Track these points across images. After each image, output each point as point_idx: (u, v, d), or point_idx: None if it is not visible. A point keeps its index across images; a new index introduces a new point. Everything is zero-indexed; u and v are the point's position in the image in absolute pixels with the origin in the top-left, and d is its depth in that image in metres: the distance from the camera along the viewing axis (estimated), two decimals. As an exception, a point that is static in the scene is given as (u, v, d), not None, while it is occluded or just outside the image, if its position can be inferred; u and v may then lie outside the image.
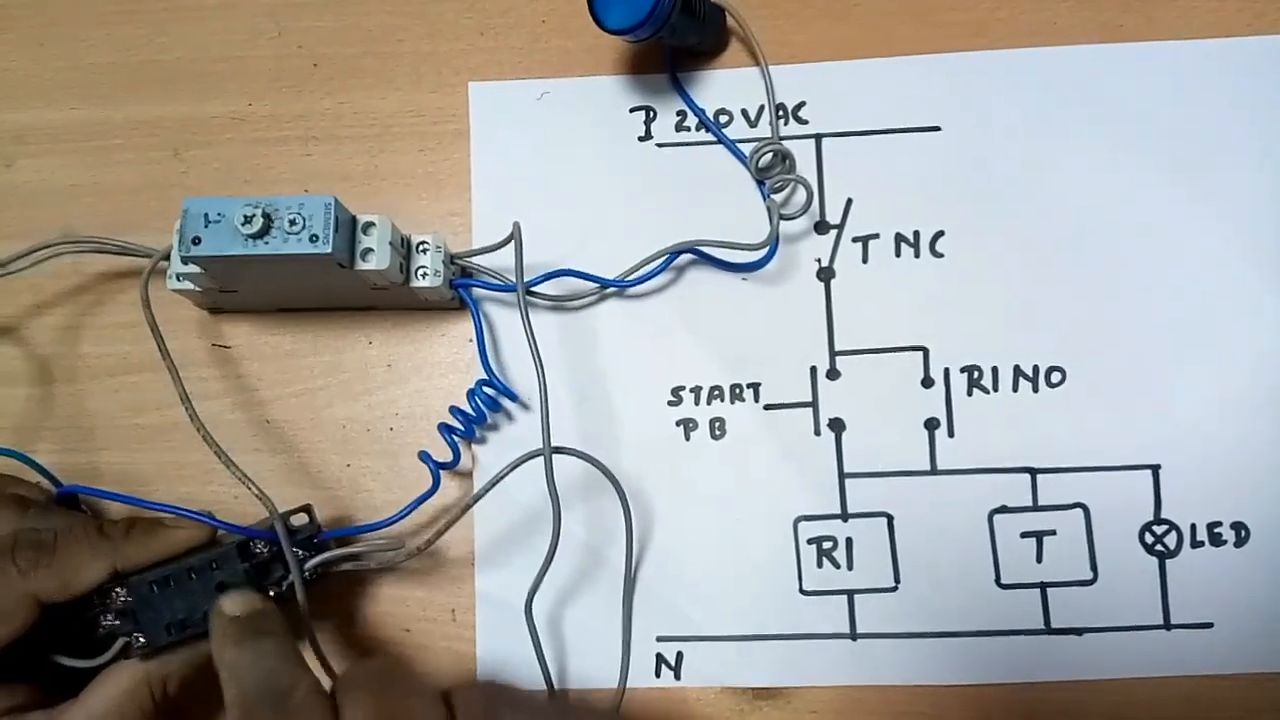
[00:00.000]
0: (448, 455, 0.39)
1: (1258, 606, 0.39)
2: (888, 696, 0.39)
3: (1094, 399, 0.40)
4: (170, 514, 0.35)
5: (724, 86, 0.43)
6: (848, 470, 0.40)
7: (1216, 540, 0.39)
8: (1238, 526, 0.39)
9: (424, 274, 0.38)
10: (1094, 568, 0.39)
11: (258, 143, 0.43)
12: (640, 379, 0.41)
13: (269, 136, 0.43)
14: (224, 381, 0.42)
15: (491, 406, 0.40)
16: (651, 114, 0.43)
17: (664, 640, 0.40)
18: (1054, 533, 0.40)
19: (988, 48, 0.43)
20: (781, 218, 0.40)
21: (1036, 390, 0.40)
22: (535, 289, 0.40)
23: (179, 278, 0.38)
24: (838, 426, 0.41)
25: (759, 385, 0.41)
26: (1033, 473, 0.40)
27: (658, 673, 0.39)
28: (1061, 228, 0.41)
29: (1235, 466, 0.40)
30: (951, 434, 0.40)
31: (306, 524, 0.36)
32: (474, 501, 0.37)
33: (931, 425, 0.40)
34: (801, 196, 0.41)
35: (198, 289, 0.38)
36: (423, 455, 0.38)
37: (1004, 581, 0.39)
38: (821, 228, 0.42)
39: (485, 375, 0.39)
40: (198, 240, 0.34)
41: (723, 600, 0.40)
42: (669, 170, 0.43)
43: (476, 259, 0.40)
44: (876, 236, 0.42)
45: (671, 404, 0.41)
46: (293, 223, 0.34)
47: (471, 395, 0.39)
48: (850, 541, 0.40)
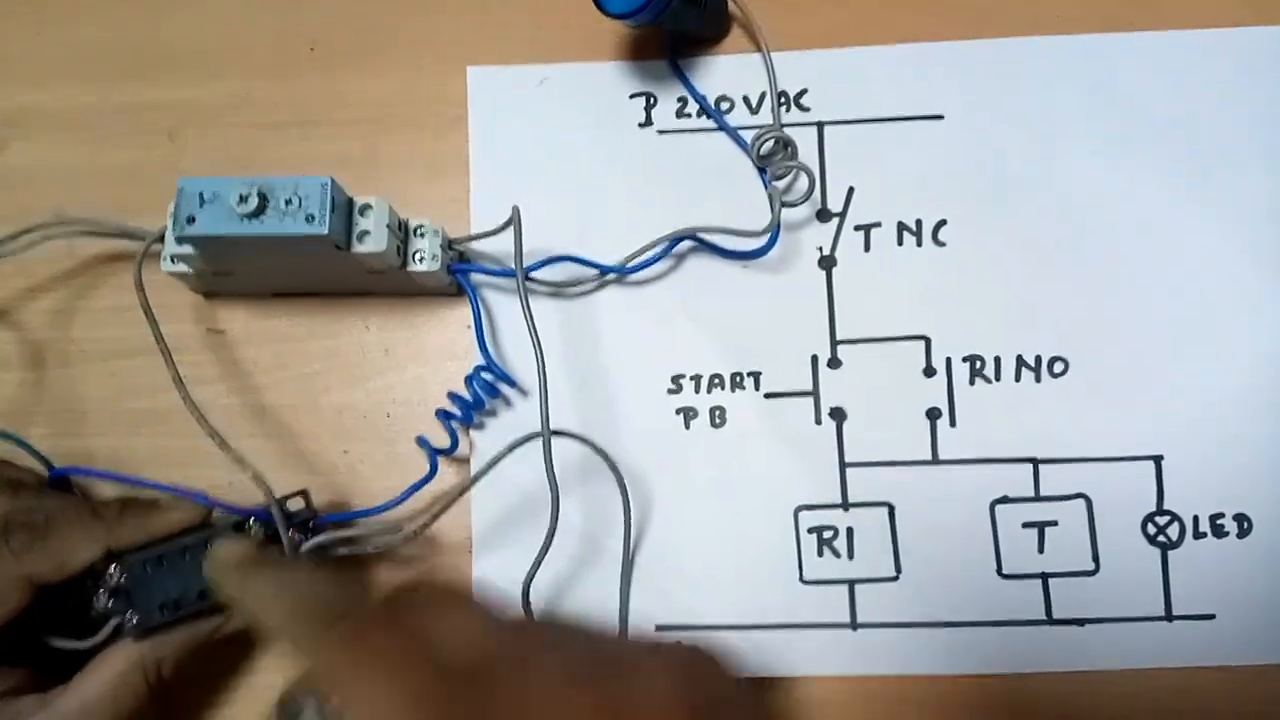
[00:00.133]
0: (445, 442, 0.38)
1: (1260, 598, 0.38)
2: (888, 686, 0.38)
3: (1096, 389, 0.40)
4: (165, 494, 0.34)
5: (725, 73, 0.43)
6: (849, 459, 0.40)
7: (1219, 531, 0.39)
8: (1240, 518, 0.39)
9: (421, 258, 0.38)
10: (1096, 558, 0.39)
11: (254, 126, 0.43)
12: (640, 367, 0.41)
13: (265, 120, 0.43)
14: (219, 366, 0.41)
15: (490, 393, 0.39)
16: (652, 100, 0.43)
17: (663, 629, 0.39)
18: (1056, 523, 0.39)
19: (991, 36, 0.42)
20: (783, 205, 0.40)
21: (1039, 380, 0.40)
22: (534, 275, 0.40)
23: (173, 259, 0.37)
24: (839, 416, 0.40)
25: (759, 374, 0.41)
26: (1035, 463, 0.40)
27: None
28: (1065, 218, 0.41)
29: (1238, 458, 0.39)
30: (953, 424, 0.40)
31: (303, 508, 0.36)
32: (471, 484, 0.36)
33: (933, 415, 0.40)
34: (803, 184, 0.41)
35: (192, 271, 0.38)
36: (420, 440, 0.38)
37: (1005, 572, 0.39)
38: (823, 216, 0.42)
39: (484, 361, 0.39)
40: (192, 220, 0.34)
41: (723, 589, 0.39)
42: (669, 157, 0.42)
43: (475, 244, 0.39)
44: (878, 225, 0.41)
45: (671, 392, 0.41)
46: (289, 202, 0.34)
47: (470, 381, 0.39)
48: (851, 531, 0.39)
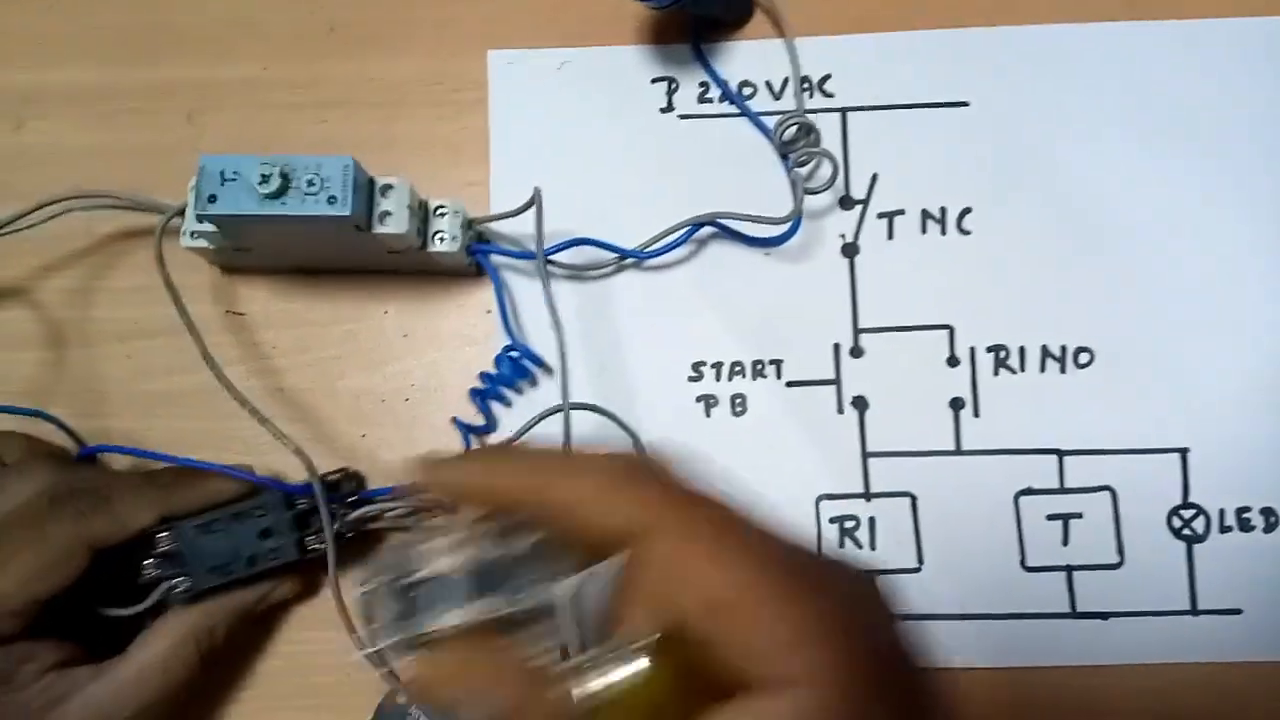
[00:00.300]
0: (478, 421, 0.38)
1: (1287, 593, 0.38)
2: (909, 679, 0.38)
3: (1122, 380, 0.40)
4: (214, 470, 0.36)
5: (748, 58, 0.42)
6: (871, 449, 0.40)
7: (1245, 525, 0.39)
8: (1267, 512, 0.39)
9: (441, 239, 0.38)
10: (1121, 551, 0.39)
11: (272, 107, 0.43)
12: (660, 353, 0.41)
13: (284, 101, 0.43)
14: (238, 349, 0.41)
15: (519, 373, 0.39)
16: (674, 85, 0.42)
17: (681, 618, 0.39)
18: (1080, 515, 0.39)
19: (1017, 23, 0.42)
20: (806, 192, 0.40)
21: (1064, 371, 0.40)
22: (553, 258, 0.39)
23: (193, 235, 0.37)
24: (861, 405, 0.40)
25: (781, 362, 0.40)
26: (1059, 454, 0.39)
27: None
28: (1090, 206, 0.40)
29: (1265, 451, 0.39)
30: (977, 414, 0.40)
31: (342, 485, 0.37)
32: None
33: (957, 405, 0.40)
34: (826, 171, 0.41)
35: (212, 247, 0.37)
36: (456, 421, 0.38)
37: (1029, 564, 0.39)
38: (846, 203, 0.41)
39: (508, 341, 0.39)
40: (213, 198, 0.33)
41: (742, 579, 0.39)
42: (691, 143, 0.42)
43: (494, 225, 0.39)
44: (902, 213, 0.41)
45: (692, 379, 0.40)
46: (310, 183, 0.33)
47: (499, 361, 0.39)
48: (873, 521, 0.39)
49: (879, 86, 0.42)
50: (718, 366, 0.40)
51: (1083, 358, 0.40)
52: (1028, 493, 0.39)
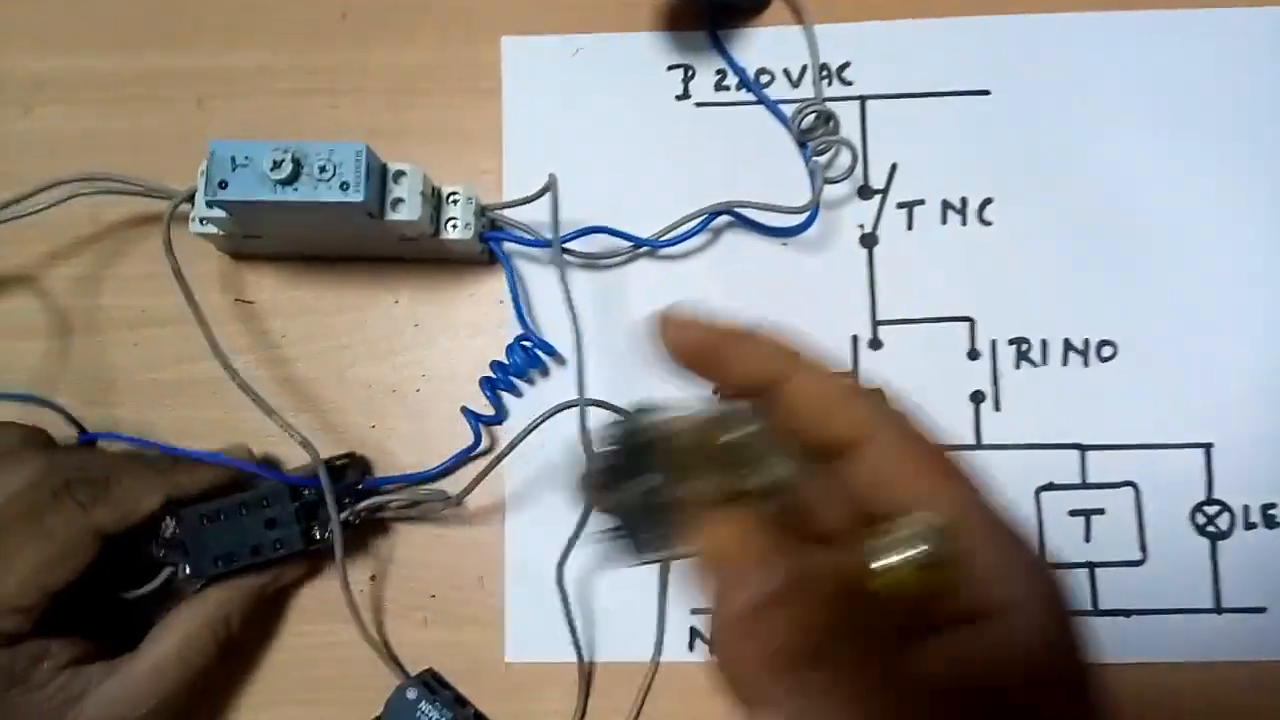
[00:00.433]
0: (489, 411, 0.38)
1: (1313, 591, 0.37)
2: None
3: (1145, 374, 0.39)
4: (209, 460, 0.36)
5: (765, 45, 0.42)
6: (889, 442, 0.39)
7: (1270, 522, 0.38)
8: (1292, 509, 0.38)
9: (454, 225, 0.37)
10: (1143, 548, 0.38)
11: (283, 94, 0.42)
12: (675, 344, 0.40)
13: (295, 88, 0.42)
14: (246, 337, 0.40)
15: (531, 362, 0.39)
16: (690, 72, 0.42)
17: (699, 613, 0.38)
18: (1103, 511, 0.38)
19: (1039, 11, 0.41)
20: (825, 181, 0.39)
21: (1086, 364, 0.39)
22: (567, 246, 0.39)
23: (202, 221, 0.36)
24: (879, 397, 0.39)
25: (798, 353, 0.40)
26: (1082, 449, 0.39)
27: (691, 646, 0.38)
28: (1114, 197, 0.40)
29: (1291, 446, 0.38)
30: (998, 408, 0.39)
31: (349, 472, 0.37)
32: (510, 449, 0.35)
33: (977, 398, 0.39)
34: (845, 159, 0.40)
35: (221, 233, 0.37)
36: (465, 411, 0.37)
37: (1051, 560, 0.38)
38: (865, 193, 0.41)
39: (521, 330, 0.38)
40: (224, 184, 0.33)
41: (757, 573, 0.38)
42: (707, 131, 0.41)
43: (508, 212, 0.39)
44: (922, 203, 0.40)
45: (707, 371, 0.40)
46: (323, 169, 0.33)
47: (511, 351, 0.38)
48: (891, 515, 0.38)
49: (899, 74, 0.41)
50: (733, 358, 0.40)
51: (1106, 351, 0.39)
52: (1049, 488, 0.38)
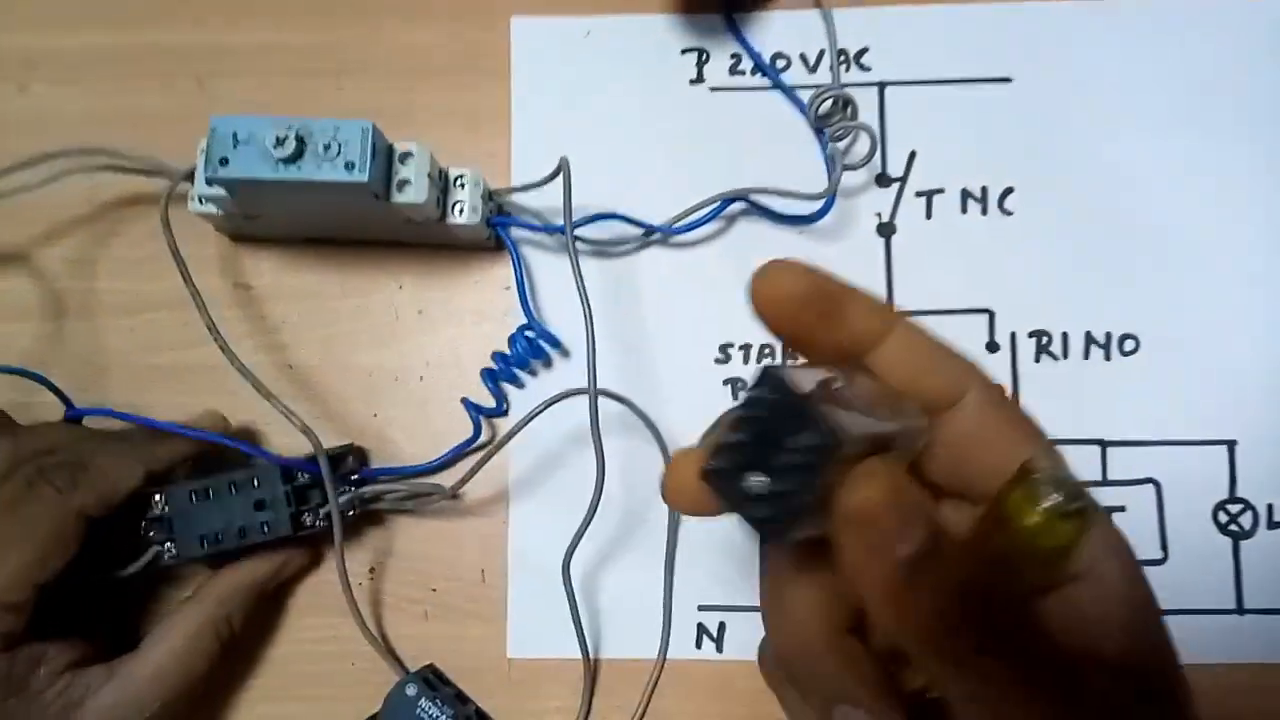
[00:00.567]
0: (489, 402, 0.37)
1: (1338, 593, 0.37)
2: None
3: (1168, 369, 0.38)
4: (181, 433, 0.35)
5: (782, 29, 0.41)
6: (905, 437, 0.38)
7: (1294, 522, 0.37)
8: (1317, 508, 0.37)
9: (461, 209, 0.36)
10: (1164, 547, 0.37)
11: (286, 74, 0.41)
12: (685, 334, 0.39)
13: (298, 68, 0.41)
14: (246, 323, 0.39)
15: (533, 353, 0.37)
16: (704, 56, 0.41)
17: (705, 610, 0.37)
18: (1123, 509, 0.37)
19: (1062, -2, 0.40)
20: (844, 168, 0.38)
21: (1108, 358, 0.38)
22: (576, 232, 0.38)
23: (202, 200, 0.35)
24: (895, 390, 0.38)
25: (812, 345, 0.39)
26: (1102, 445, 0.38)
27: (698, 644, 0.37)
28: (1138, 189, 0.39)
29: (1316, 445, 0.37)
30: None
31: (349, 460, 0.36)
32: (508, 438, 0.34)
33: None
34: (863, 146, 0.39)
35: (220, 213, 0.36)
36: (465, 402, 0.36)
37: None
38: (883, 181, 0.40)
39: (526, 320, 0.37)
40: (225, 161, 0.32)
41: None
42: (721, 116, 0.40)
43: (516, 197, 0.38)
44: (941, 192, 0.39)
45: (719, 361, 0.39)
46: (327, 147, 0.32)
47: (513, 341, 0.37)
48: (906, 511, 0.38)
49: (918, 60, 0.40)
50: (746, 349, 0.39)
51: (1128, 345, 0.38)
52: (1068, 485, 0.37)
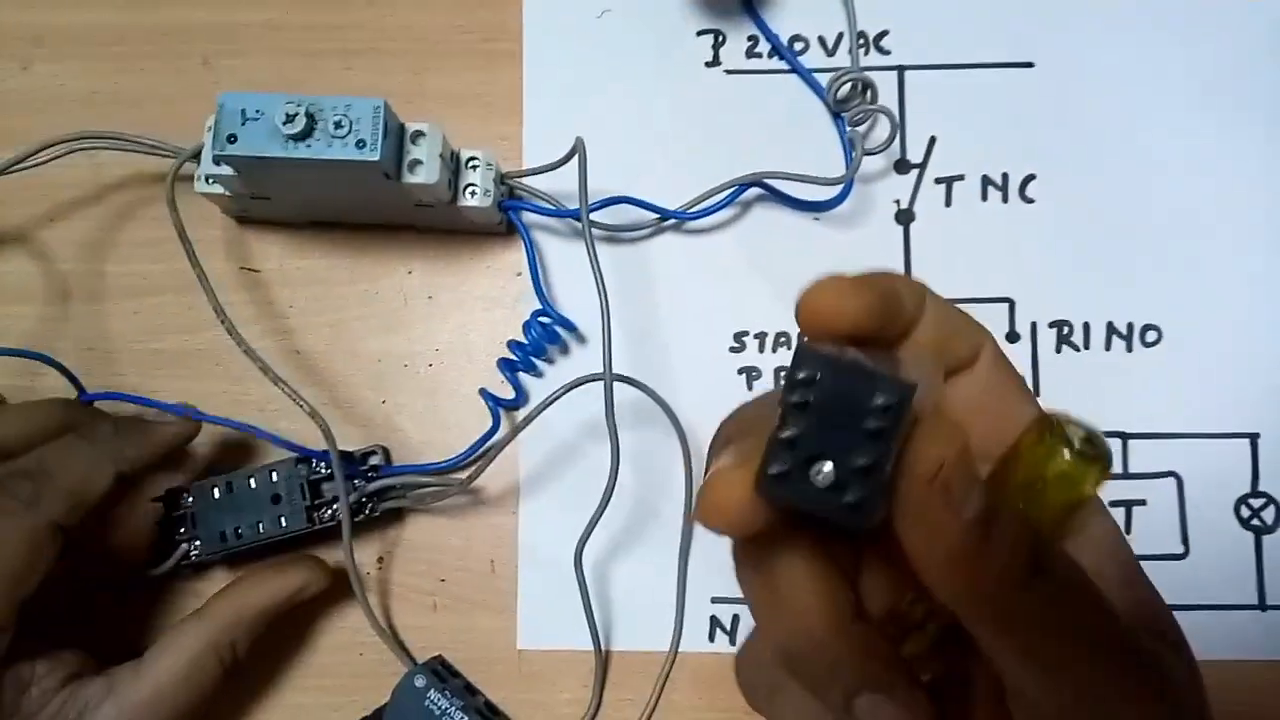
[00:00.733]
0: (508, 393, 0.36)
1: (1363, 589, 0.36)
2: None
3: (1191, 361, 0.37)
4: (152, 409, 0.34)
5: (800, 11, 0.40)
6: (922, 427, 0.37)
7: (1319, 517, 0.37)
8: (1342, 503, 0.37)
9: (473, 192, 0.35)
10: (1185, 541, 0.37)
11: (294, 54, 0.40)
12: (700, 321, 0.38)
13: (306, 48, 0.40)
14: (252, 307, 0.39)
15: (549, 339, 0.37)
16: (720, 38, 0.40)
17: (719, 602, 0.37)
18: (1144, 502, 0.37)
19: (1085, -19, 0.39)
20: (863, 153, 0.37)
21: (1130, 349, 0.37)
22: (589, 216, 0.37)
23: (208, 179, 0.35)
24: (912, 380, 0.38)
25: (828, 333, 0.38)
26: (1123, 438, 0.37)
27: (711, 636, 0.37)
28: (1162, 177, 0.38)
29: (1341, 439, 0.37)
30: (1037, 393, 0.37)
31: (371, 458, 0.36)
32: (524, 425, 0.34)
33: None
34: (882, 131, 0.38)
35: (228, 193, 0.35)
36: (483, 393, 0.36)
37: (1089, 552, 0.37)
38: (902, 167, 0.39)
39: (540, 305, 0.36)
40: (233, 138, 0.31)
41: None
42: (737, 100, 0.39)
43: (529, 179, 0.37)
44: (961, 178, 0.39)
45: (734, 350, 0.38)
46: (338, 125, 0.31)
47: (527, 327, 0.36)
48: (924, 503, 0.37)
49: (939, 44, 0.39)
50: (761, 337, 0.38)
51: (1150, 336, 0.38)
52: (1089, 477, 0.37)
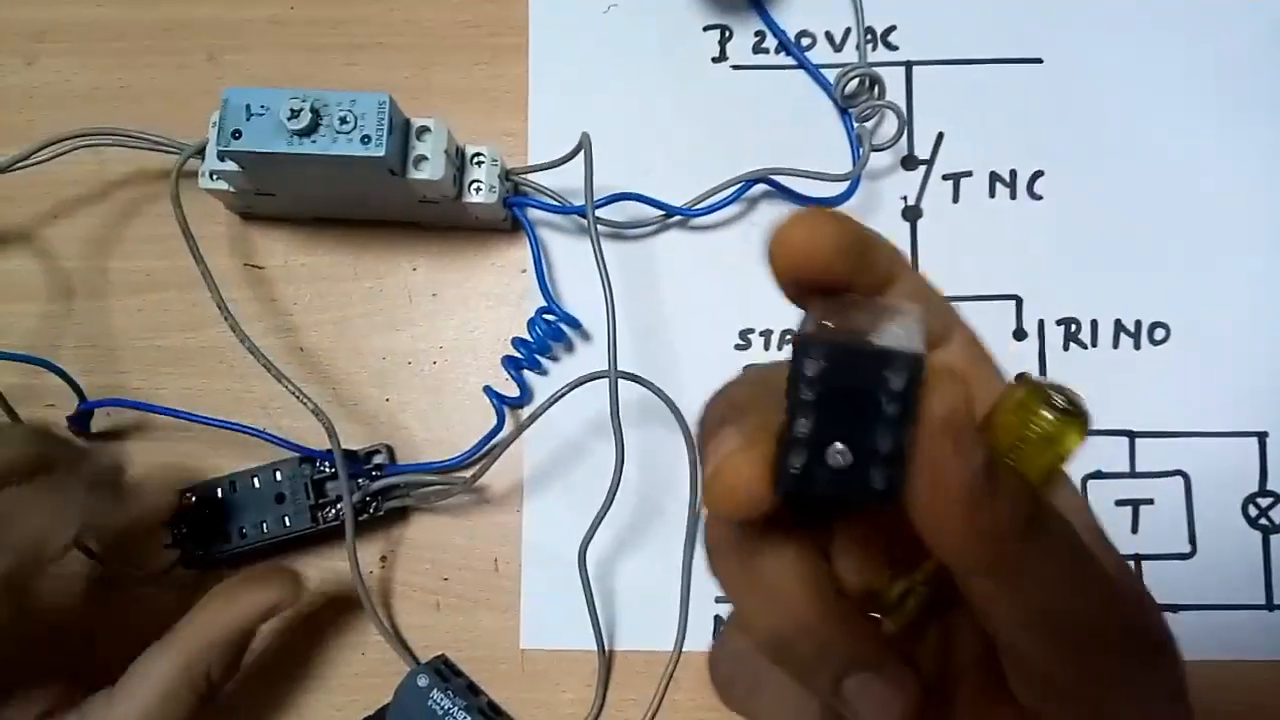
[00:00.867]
0: (512, 390, 0.36)
1: (1372, 589, 0.36)
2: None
3: (1199, 359, 0.37)
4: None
5: (807, 6, 0.40)
6: (929, 426, 0.37)
7: (1328, 516, 0.36)
8: (1351, 503, 0.36)
9: (478, 189, 0.35)
10: (1193, 540, 0.36)
11: (298, 49, 0.40)
12: (705, 318, 0.38)
13: (311, 43, 0.40)
14: (256, 304, 0.38)
15: (554, 336, 0.37)
16: (727, 33, 0.40)
17: (723, 601, 0.37)
18: (1151, 501, 0.37)
19: (1093, -23, 0.39)
20: (870, 149, 0.37)
21: (1138, 347, 0.37)
22: (595, 212, 0.37)
23: (213, 176, 0.34)
24: (919, 378, 0.37)
25: (834, 331, 0.38)
26: (1131, 436, 0.37)
27: (715, 636, 0.36)
28: (1171, 174, 0.38)
29: (1351, 438, 0.37)
30: (1044, 390, 0.37)
31: (375, 456, 0.36)
32: (529, 422, 0.33)
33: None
34: (890, 127, 0.38)
35: (232, 189, 0.35)
36: (488, 390, 0.36)
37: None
38: (909, 163, 0.39)
39: (545, 303, 0.36)
40: (238, 134, 0.31)
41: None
42: (744, 95, 0.39)
43: (535, 176, 0.37)
44: (969, 175, 0.38)
45: (739, 348, 0.38)
46: (343, 120, 0.31)
47: (532, 325, 0.36)
48: (931, 502, 0.37)
49: (947, 40, 0.39)
50: (767, 335, 0.38)
51: (1158, 334, 0.37)
52: (1096, 476, 0.37)
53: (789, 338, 0.38)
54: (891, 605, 0.18)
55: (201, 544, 0.34)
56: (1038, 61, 0.39)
